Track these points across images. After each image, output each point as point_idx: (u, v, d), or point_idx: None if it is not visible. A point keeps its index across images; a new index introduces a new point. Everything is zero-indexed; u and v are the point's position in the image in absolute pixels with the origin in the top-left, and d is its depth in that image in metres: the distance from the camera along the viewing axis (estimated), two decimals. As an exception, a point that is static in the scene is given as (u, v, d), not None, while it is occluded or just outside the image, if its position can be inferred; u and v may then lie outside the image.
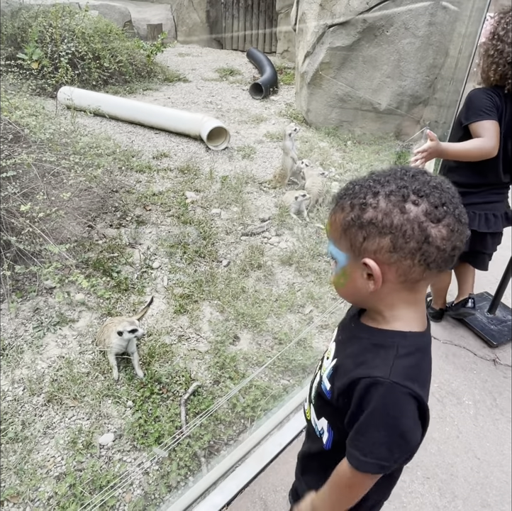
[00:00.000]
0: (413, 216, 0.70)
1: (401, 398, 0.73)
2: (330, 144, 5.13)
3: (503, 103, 1.87)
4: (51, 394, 2.04)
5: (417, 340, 0.78)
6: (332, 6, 4.89)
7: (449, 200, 0.72)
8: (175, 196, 3.68)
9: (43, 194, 2.49)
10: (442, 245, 0.71)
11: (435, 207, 0.71)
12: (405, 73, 5.00)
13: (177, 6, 9.52)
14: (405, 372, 0.74)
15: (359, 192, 0.75)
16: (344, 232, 0.77)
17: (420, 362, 0.77)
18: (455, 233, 0.72)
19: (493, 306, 2.60)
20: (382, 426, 0.75)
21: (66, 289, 2.58)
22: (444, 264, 0.74)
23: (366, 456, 0.77)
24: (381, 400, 0.74)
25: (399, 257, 0.72)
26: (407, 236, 0.70)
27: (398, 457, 0.76)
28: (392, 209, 0.71)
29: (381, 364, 0.75)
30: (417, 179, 0.73)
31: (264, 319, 2.54)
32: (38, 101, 4.40)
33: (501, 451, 1.88)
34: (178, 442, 1.87)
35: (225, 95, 6.40)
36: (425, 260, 0.72)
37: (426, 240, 0.70)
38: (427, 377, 0.79)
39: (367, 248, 0.74)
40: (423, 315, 0.83)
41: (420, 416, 0.76)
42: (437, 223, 0.71)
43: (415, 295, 0.78)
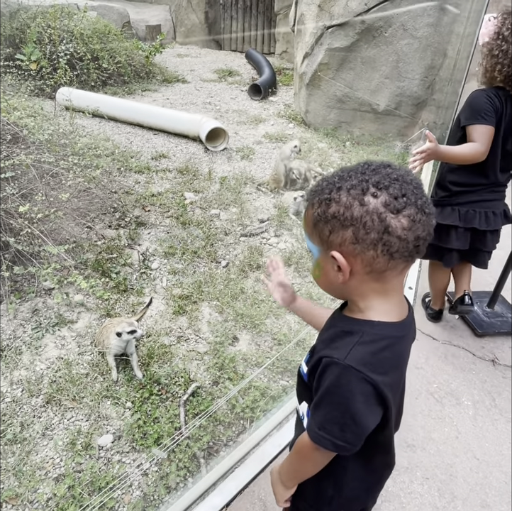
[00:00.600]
0: (372, 208, 0.72)
1: (354, 381, 0.76)
2: (329, 145, 5.13)
3: (503, 104, 1.88)
4: (50, 396, 2.04)
5: (385, 329, 0.80)
6: (330, 7, 4.90)
7: (411, 191, 0.73)
8: (174, 197, 3.68)
9: (42, 195, 2.49)
10: (403, 235, 0.72)
11: (394, 198, 0.72)
12: (404, 74, 5.00)
13: (176, 7, 9.53)
14: (362, 358, 0.76)
15: (325, 188, 0.78)
16: (314, 227, 0.81)
17: (382, 350, 0.78)
18: (417, 223, 0.73)
19: (491, 301, 2.61)
20: (335, 405, 0.79)
21: (65, 290, 2.58)
22: (408, 254, 0.75)
23: (321, 430, 0.81)
24: (335, 380, 0.78)
25: (362, 249, 0.74)
26: (367, 227, 0.72)
27: (349, 438, 0.80)
28: (352, 202, 0.73)
29: (341, 347, 0.79)
30: (378, 172, 0.75)
31: (263, 320, 2.54)
32: (37, 101, 4.40)
33: (500, 452, 1.88)
34: (177, 443, 1.86)
35: (224, 96, 6.40)
36: (387, 250, 0.73)
37: (386, 230, 0.72)
38: (391, 365, 0.80)
39: (333, 241, 0.77)
40: (399, 306, 0.85)
41: (379, 402, 0.78)
42: (397, 214, 0.72)
43: (384, 285, 0.80)
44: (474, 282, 2.62)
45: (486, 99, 1.86)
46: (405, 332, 0.85)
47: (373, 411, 0.79)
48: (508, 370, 2.27)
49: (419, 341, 2.44)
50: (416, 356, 2.33)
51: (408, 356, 0.90)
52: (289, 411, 2.00)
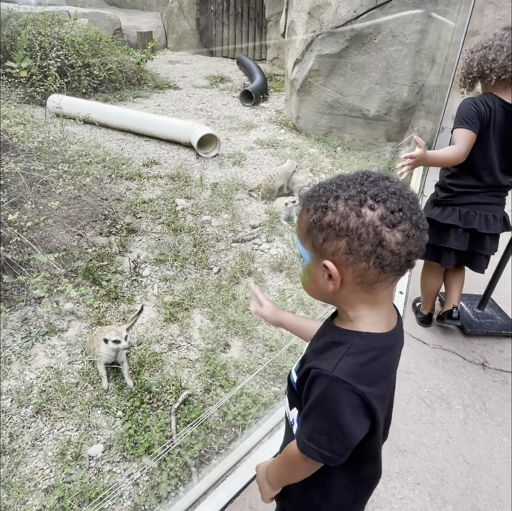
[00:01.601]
0: (368, 220, 0.72)
1: (342, 393, 0.76)
2: (320, 150, 5.16)
3: (490, 110, 1.93)
4: (39, 406, 2.02)
5: (373, 340, 0.81)
6: (320, 15, 4.95)
7: (407, 206, 0.73)
8: (165, 203, 3.68)
9: (31, 203, 2.48)
10: (396, 249, 0.73)
11: (391, 212, 0.72)
12: (394, 80, 5.06)
13: (167, 14, 9.56)
14: (350, 370, 0.77)
15: (322, 195, 0.78)
16: (308, 232, 0.80)
17: (370, 361, 0.79)
18: (411, 239, 0.73)
19: (482, 303, 2.64)
20: (323, 417, 0.79)
21: (55, 298, 2.56)
22: (399, 268, 0.76)
23: (309, 441, 0.81)
24: (323, 392, 0.78)
25: (355, 260, 0.75)
26: (362, 239, 0.73)
27: (337, 449, 0.80)
28: (349, 212, 0.74)
29: (330, 358, 0.79)
30: (376, 184, 0.75)
31: (254, 326, 2.54)
32: (27, 109, 4.39)
33: (490, 455, 1.89)
34: (168, 452, 1.85)
35: (216, 102, 6.43)
36: (379, 263, 0.74)
37: (380, 243, 0.72)
38: (379, 376, 0.81)
39: (326, 249, 0.77)
40: (387, 316, 0.85)
41: (367, 413, 0.79)
42: (392, 228, 0.72)
43: (374, 296, 0.81)
44: (466, 285, 2.64)
45: (471, 105, 1.93)
46: (394, 342, 0.85)
47: (361, 422, 0.79)
48: (498, 374, 2.29)
49: (409, 345, 2.45)
50: (407, 361, 2.34)
51: (396, 366, 0.91)
52: (281, 417, 2.00)
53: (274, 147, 5.11)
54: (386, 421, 0.98)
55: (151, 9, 10.56)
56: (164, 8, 9.74)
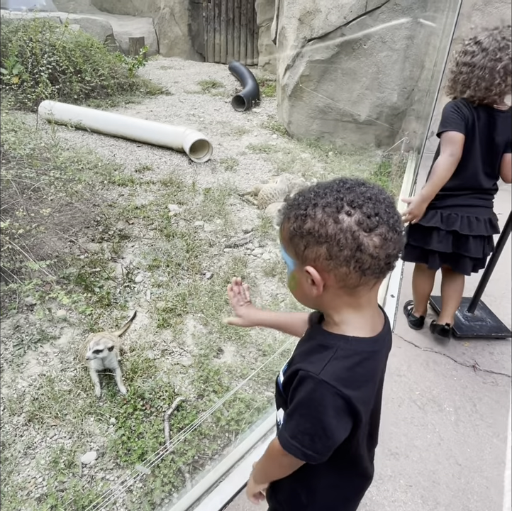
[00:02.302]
0: (346, 226, 0.74)
1: (327, 396, 0.78)
2: (312, 155, 5.20)
3: (473, 113, 1.96)
4: (32, 414, 2.01)
5: (358, 345, 0.82)
6: (310, 21, 5.00)
7: (384, 210, 0.75)
8: (158, 209, 3.69)
9: (23, 210, 2.47)
10: (374, 253, 0.75)
11: (367, 217, 0.74)
12: (384, 85, 5.12)
13: (159, 20, 9.60)
14: (336, 373, 0.78)
15: (301, 203, 0.80)
16: (290, 240, 0.82)
17: (355, 365, 0.81)
18: (388, 242, 0.75)
19: (472, 306, 2.67)
20: (308, 417, 0.81)
21: (47, 305, 2.56)
22: (379, 271, 0.78)
23: (292, 439, 0.83)
24: (309, 393, 0.80)
25: (335, 265, 0.76)
26: (341, 245, 0.74)
27: (319, 448, 0.82)
28: (327, 219, 0.75)
29: (317, 361, 0.81)
30: (353, 190, 0.77)
31: (247, 331, 2.55)
32: (19, 115, 4.39)
33: (481, 457, 1.91)
34: (162, 458, 1.85)
35: (208, 107, 6.45)
36: (360, 267, 0.76)
37: (359, 248, 0.74)
38: (364, 380, 0.82)
39: (308, 256, 0.79)
40: (372, 320, 0.87)
41: (350, 416, 0.81)
42: (369, 233, 0.74)
43: (357, 300, 0.83)
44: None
45: (454, 108, 1.97)
46: (379, 347, 0.87)
47: (343, 424, 0.81)
48: (488, 376, 2.31)
49: (401, 348, 2.47)
50: (398, 364, 2.35)
51: (383, 369, 0.92)
52: (274, 422, 2.00)
53: (266, 152, 5.14)
54: (374, 426, 1.00)
55: (142, 15, 10.59)
56: (155, 14, 9.77)
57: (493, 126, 1.97)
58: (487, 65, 1.86)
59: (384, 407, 2.10)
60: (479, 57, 1.87)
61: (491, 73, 1.85)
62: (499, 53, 1.83)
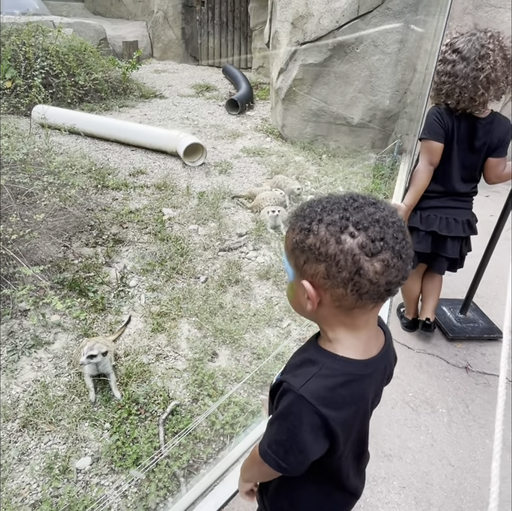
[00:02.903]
0: (347, 248, 0.72)
1: (305, 412, 0.78)
2: (306, 158, 5.22)
3: (453, 120, 2.00)
4: (26, 420, 2.01)
5: (346, 366, 0.81)
6: (303, 25, 5.03)
7: (391, 235, 0.73)
8: (152, 213, 3.69)
9: (16, 215, 2.47)
10: (374, 278, 0.72)
11: (371, 241, 0.71)
12: (376, 88, 5.15)
13: (152, 23, 9.61)
14: (316, 391, 0.78)
15: (307, 216, 0.78)
16: (291, 251, 0.81)
17: (338, 386, 0.79)
18: (390, 269, 0.73)
19: (464, 307, 2.69)
20: (284, 429, 0.82)
21: (41, 310, 2.55)
22: (378, 297, 0.76)
23: (269, 448, 0.84)
24: (288, 406, 0.80)
25: (332, 285, 0.75)
26: (339, 266, 0.73)
27: (292, 462, 0.83)
28: (329, 238, 0.73)
29: (301, 375, 0.81)
30: (361, 210, 0.74)
31: (242, 335, 2.56)
32: (12, 120, 4.38)
33: (473, 457, 1.93)
34: (157, 463, 1.86)
35: (202, 111, 6.46)
36: (357, 290, 0.74)
37: (358, 272, 0.72)
38: (345, 403, 0.81)
39: (306, 271, 0.78)
40: (368, 343, 0.85)
41: (326, 435, 0.80)
42: (371, 257, 0.72)
43: (353, 321, 0.81)
44: (449, 290, 2.70)
45: (435, 115, 2.01)
46: (371, 370, 0.84)
47: (318, 442, 0.81)
48: (481, 377, 2.34)
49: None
50: (392, 366, 2.37)
51: (372, 393, 0.89)
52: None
53: (260, 155, 5.16)
54: (362, 447, 1.00)
55: (136, 18, 10.59)
56: (149, 18, 9.78)
57: (474, 133, 2.00)
58: (469, 75, 1.86)
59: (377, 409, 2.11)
60: (461, 67, 1.87)
61: (474, 83, 1.86)
62: (480, 62, 1.83)
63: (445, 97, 1.97)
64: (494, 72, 1.84)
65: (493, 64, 1.83)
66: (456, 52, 1.88)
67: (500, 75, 1.85)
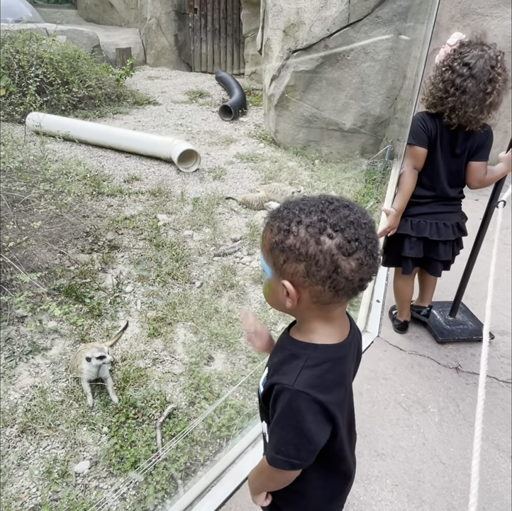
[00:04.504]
0: (326, 248, 0.77)
1: (304, 404, 0.83)
2: (299, 163, 5.29)
3: (436, 126, 2.05)
4: (25, 425, 2.03)
5: (327, 352, 0.88)
6: (295, 33, 5.11)
7: (364, 235, 0.79)
8: (147, 219, 3.73)
9: (13, 223, 2.50)
10: (350, 276, 0.79)
11: (347, 242, 0.77)
12: (368, 94, 5.24)
13: (145, 30, 9.67)
14: (309, 381, 0.83)
15: (285, 217, 0.82)
16: (270, 251, 0.85)
17: (325, 372, 0.86)
18: (364, 267, 0.79)
19: (453, 310, 2.75)
20: (289, 428, 0.86)
21: (38, 317, 2.58)
22: (352, 292, 0.83)
23: (278, 454, 0.88)
24: (287, 405, 0.84)
25: (311, 283, 0.80)
26: (319, 265, 0.78)
27: (304, 455, 0.87)
28: (309, 239, 0.78)
29: (289, 372, 0.86)
30: (337, 212, 0.80)
31: (237, 338, 2.60)
32: (6, 127, 4.39)
33: (464, 455, 1.98)
34: (154, 465, 1.89)
35: (195, 117, 6.52)
36: (334, 287, 0.80)
37: (336, 270, 0.78)
38: (335, 385, 0.88)
39: (286, 270, 0.82)
40: (341, 329, 0.92)
41: (327, 419, 0.86)
42: (347, 257, 0.78)
43: (328, 313, 0.88)
44: (439, 293, 2.76)
45: (419, 121, 2.07)
46: (346, 352, 0.92)
47: (323, 428, 0.86)
48: (471, 377, 2.39)
49: (387, 352, 2.54)
50: (384, 367, 2.42)
51: (350, 372, 0.97)
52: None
53: (253, 161, 5.22)
54: (351, 423, 1.05)
55: (129, 25, 10.66)
56: (142, 25, 9.84)
57: (455, 140, 2.06)
58: (477, 96, 1.87)
59: (370, 410, 2.17)
60: (470, 84, 1.87)
61: (480, 105, 1.88)
62: (489, 86, 1.85)
63: (449, 111, 1.95)
64: (498, 97, 1.89)
65: (499, 89, 1.88)
66: (466, 67, 1.86)
67: (500, 99, 1.91)
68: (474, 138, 2.05)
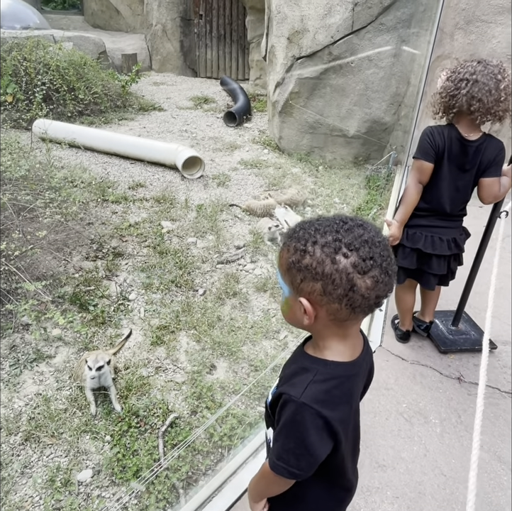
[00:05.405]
0: (342, 267, 0.80)
1: (308, 417, 0.85)
2: (303, 170, 5.31)
3: (445, 141, 2.05)
4: (28, 433, 2.05)
5: (337, 369, 0.90)
6: (299, 40, 5.14)
7: (378, 253, 0.82)
8: (151, 226, 3.76)
9: (19, 232, 2.54)
10: (366, 294, 0.81)
11: (362, 260, 0.80)
12: (371, 101, 5.25)
13: (151, 36, 9.76)
14: (315, 396, 0.86)
15: (302, 237, 0.85)
16: (287, 270, 0.88)
17: (332, 388, 0.88)
18: (379, 284, 0.82)
19: (455, 319, 2.75)
20: (292, 438, 0.89)
21: (42, 324, 2.61)
22: (368, 309, 0.85)
23: (279, 460, 0.91)
24: (291, 416, 0.87)
25: (328, 301, 0.83)
26: (335, 284, 0.81)
27: (304, 466, 0.90)
28: (325, 258, 0.81)
29: (298, 384, 0.89)
30: (352, 232, 0.82)
31: (239, 347, 2.61)
32: (13, 134, 4.45)
33: (465, 467, 1.97)
34: (156, 475, 1.90)
35: (200, 123, 6.56)
36: (350, 305, 0.82)
37: (352, 288, 0.80)
38: (340, 402, 0.90)
39: (303, 288, 0.85)
40: (354, 347, 0.95)
41: (330, 435, 0.88)
42: (363, 275, 0.80)
43: (344, 331, 0.90)
44: (442, 301, 2.75)
45: (427, 135, 2.07)
46: (356, 370, 0.94)
47: (324, 443, 0.89)
48: (473, 387, 2.39)
49: (389, 361, 2.54)
50: (386, 377, 2.42)
51: (359, 390, 1.00)
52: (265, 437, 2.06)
53: (257, 167, 5.24)
54: (356, 439, 1.07)
55: (135, 31, 10.76)
56: (148, 31, 9.93)
57: (465, 156, 2.06)
58: (490, 83, 1.87)
59: (372, 420, 2.18)
60: (479, 76, 1.88)
61: (496, 90, 1.87)
62: (499, 76, 1.87)
63: (467, 102, 1.91)
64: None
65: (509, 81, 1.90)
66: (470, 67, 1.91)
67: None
68: (484, 154, 2.04)
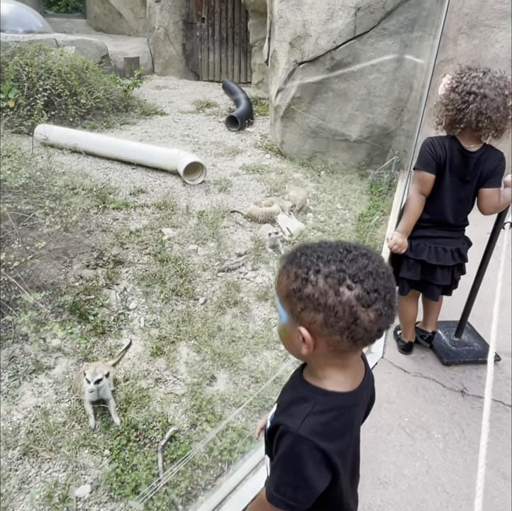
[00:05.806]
0: (346, 300, 0.78)
1: (306, 450, 0.83)
2: (304, 175, 5.28)
3: (446, 152, 2.03)
4: (27, 447, 2.03)
5: (337, 399, 0.88)
6: (301, 45, 5.12)
7: (382, 285, 0.79)
8: (152, 233, 3.74)
9: (18, 242, 2.52)
10: (369, 327, 0.79)
11: (367, 293, 0.78)
12: (374, 106, 5.22)
13: (153, 40, 9.75)
14: (313, 428, 0.84)
15: (303, 264, 0.82)
16: (286, 297, 0.85)
17: (331, 420, 0.86)
18: (383, 317, 0.80)
19: (458, 330, 2.72)
20: (289, 470, 0.86)
21: (42, 335, 2.59)
22: (369, 341, 0.83)
23: (276, 491, 0.89)
24: (289, 448, 0.85)
25: (329, 333, 0.81)
26: (338, 316, 0.78)
27: (301, 499, 0.88)
28: (328, 290, 0.79)
29: (296, 415, 0.86)
30: (356, 262, 0.80)
31: (240, 358, 2.59)
32: (14, 140, 4.44)
33: (469, 484, 1.94)
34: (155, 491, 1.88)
35: (202, 128, 6.54)
36: (352, 337, 0.80)
37: (355, 322, 0.78)
38: (339, 434, 0.87)
39: (303, 318, 0.82)
40: (355, 376, 0.92)
41: (328, 467, 0.85)
42: (367, 308, 0.78)
43: (344, 361, 0.88)
44: (445, 312, 2.72)
45: (428, 146, 2.05)
46: (357, 400, 0.92)
47: (322, 475, 0.86)
48: (477, 401, 2.36)
49: (391, 374, 2.52)
50: (388, 390, 2.40)
51: (360, 417, 0.98)
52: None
53: (259, 172, 5.22)
54: (355, 467, 1.04)
55: (137, 35, 10.75)
56: (150, 34, 9.92)
57: (466, 167, 2.05)
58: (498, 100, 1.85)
59: (373, 435, 2.15)
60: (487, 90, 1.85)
61: (504, 107, 1.86)
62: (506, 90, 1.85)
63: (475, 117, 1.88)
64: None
65: None
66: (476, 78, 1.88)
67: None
68: (485, 165, 2.03)
